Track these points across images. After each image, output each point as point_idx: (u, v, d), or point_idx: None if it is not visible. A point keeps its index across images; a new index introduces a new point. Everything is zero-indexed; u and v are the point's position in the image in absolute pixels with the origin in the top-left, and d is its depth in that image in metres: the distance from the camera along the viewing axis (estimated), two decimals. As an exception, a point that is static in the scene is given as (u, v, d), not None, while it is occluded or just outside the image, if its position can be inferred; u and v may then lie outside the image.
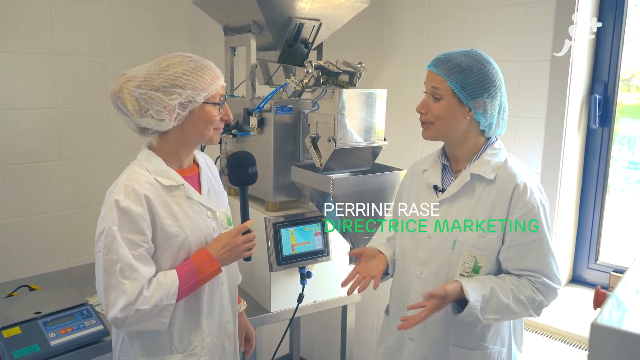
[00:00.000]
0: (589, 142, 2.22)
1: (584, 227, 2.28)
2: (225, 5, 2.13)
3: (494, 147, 1.53)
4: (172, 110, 1.37)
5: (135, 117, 1.39)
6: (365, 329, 2.89)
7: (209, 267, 1.44)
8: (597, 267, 2.26)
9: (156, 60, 1.41)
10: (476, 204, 1.48)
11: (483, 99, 1.45)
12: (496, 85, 1.47)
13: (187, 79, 1.37)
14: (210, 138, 1.48)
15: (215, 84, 1.42)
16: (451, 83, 1.44)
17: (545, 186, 2.14)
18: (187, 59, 1.41)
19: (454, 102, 1.46)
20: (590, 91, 2.17)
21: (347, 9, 2.17)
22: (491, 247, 1.47)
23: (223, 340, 1.57)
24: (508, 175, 1.47)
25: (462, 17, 2.32)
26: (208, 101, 1.42)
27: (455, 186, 1.52)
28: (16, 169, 2.18)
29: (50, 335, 1.65)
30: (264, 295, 2.08)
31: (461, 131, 1.50)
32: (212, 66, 1.44)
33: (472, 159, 1.53)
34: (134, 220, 1.34)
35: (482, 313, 1.41)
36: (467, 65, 1.45)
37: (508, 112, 1.55)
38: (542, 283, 1.45)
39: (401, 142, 2.44)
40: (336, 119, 1.81)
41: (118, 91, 1.38)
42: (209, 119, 1.43)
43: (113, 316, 1.34)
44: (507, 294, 1.43)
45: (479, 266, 1.47)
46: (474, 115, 1.47)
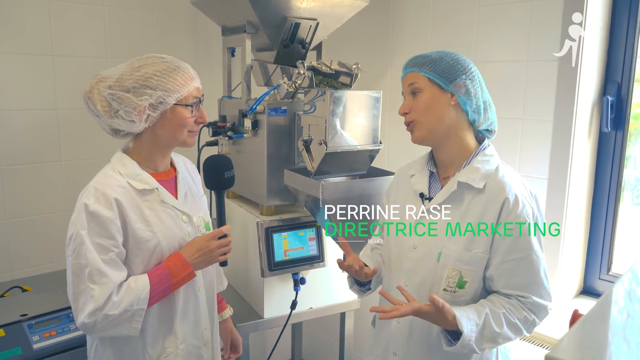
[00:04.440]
0: (601, 146, 2.11)
1: (595, 236, 2.16)
2: (221, 6, 2.10)
3: (486, 154, 1.44)
4: (142, 112, 1.34)
5: (105, 117, 1.37)
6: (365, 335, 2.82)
7: (181, 271, 1.41)
8: (610, 278, 2.15)
9: (130, 61, 1.39)
10: (464, 214, 1.40)
11: (462, 80, 1.39)
12: (472, 70, 1.42)
13: (157, 79, 1.34)
14: (184, 141, 1.44)
15: (187, 85, 1.38)
16: (426, 73, 1.40)
17: (553, 193, 2.05)
18: (160, 60, 1.38)
19: (435, 90, 1.40)
20: (602, 93, 2.06)
21: (346, 7, 2.10)
22: (477, 261, 1.38)
23: (200, 347, 1.53)
24: (498, 185, 1.39)
25: (467, 15, 2.23)
26: (180, 103, 1.38)
27: (442, 195, 1.44)
28: (15, 170, 2.18)
29: (34, 339, 1.65)
30: (258, 300, 2.04)
31: (449, 124, 1.42)
32: (186, 68, 1.40)
33: (462, 165, 1.45)
34: (104, 224, 1.32)
35: (477, 344, 1.34)
36: (437, 56, 1.42)
37: (513, 114, 1.47)
38: (533, 303, 1.37)
39: (405, 145, 2.36)
40: (327, 121, 1.75)
41: (89, 92, 1.37)
42: (180, 121, 1.40)
43: (81, 322, 1.31)
44: (500, 320, 1.35)
45: (464, 281, 1.39)
46: (458, 99, 1.40)
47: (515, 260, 1.36)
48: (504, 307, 1.37)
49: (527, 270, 1.37)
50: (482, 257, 1.38)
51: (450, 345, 1.35)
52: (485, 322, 1.33)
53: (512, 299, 1.38)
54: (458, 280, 1.39)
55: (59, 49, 2.24)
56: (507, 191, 1.37)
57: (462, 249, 1.38)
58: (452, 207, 1.42)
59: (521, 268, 1.36)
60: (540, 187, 2.05)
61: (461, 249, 1.38)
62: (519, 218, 1.35)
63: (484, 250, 1.37)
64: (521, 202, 1.37)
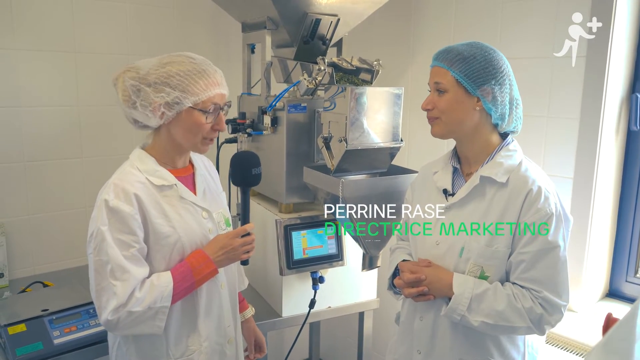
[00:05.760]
0: (629, 145, 2.05)
1: (622, 237, 2.10)
2: (241, 2, 2.09)
3: (509, 149, 1.42)
4: (156, 108, 1.34)
5: (124, 106, 1.37)
6: (384, 334, 2.79)
7: (205, 269, 1.40)
8: (637, 281, 2.09)
9: (162, 56, 1.39)
10: (486, 209, 1.38)
11: (491, 86, 1.35)
12: (503, 72, 1.37)
13: (179, 79, 1.33)
14: (195, 145, 1.43)
15: (209, 91, 1.36)
16: (454, 73, 1.35)
17: (579, 192, 2.00)
18: (188, 60, 1.37)
19: (460, 93, 1.36)
20: (631, 90, 2.00)
21: (367, 3, 2.07)
22: (499, 256, 1.36)
23: (223, 345, 1.52)
24: (522, 179, 1.36)
25: (491, 12, 2.19)
26: (196, 107, 1.36)
27: (465, 190, 1.42)
28: (37, 166, 2.21)
29: (55, 334, 1.65)
30: (276, 299, 2.03)
31: (472, 126, 1.39)
32: (213, 73, 1.38)
33: (485, 161, 1.42)
34: (124, 220, 1.31)
35: (471, 313, 1.33)
36: (469, 53, 1.36)
37: (538, 112, 1.43)
38: (544, 298, 1.32)
39: (427, 143, 2.33)
40: (348, 118, 1.73)
41: (115, 79, 1.38)
42: (194, 125, 1.38)
43: (105, 319, 1.31)
44: (503, 299, 1.32)
45: (485, 275, 1.37)
46: (484, 105, 1.36)
47: (533, 252, 1.32)
48: (513, 291, 1.34)
49: (545, 263, 1.33)
50: (504, 252, 1.36)
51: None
52: (484, 295, 1.33)
53: (525, 290, 1.35)
54: (480, 275, 1.37)
55: (81, 45, 2.25)
56: (530, 183, 1.34)
57: (484, 246, 1.36)
58: (474, 202, 1.40)
59: (541, 261, 1.32)
60: (565, 187, 2.00)
61: (483, 246, 1.36)
62: (541, 210, 1.32)
63: (506, 244, 1.35)
64: (544, 194, 1.34)
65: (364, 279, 2.12)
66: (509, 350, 1.43)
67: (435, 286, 1.41)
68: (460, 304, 1.34)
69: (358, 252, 2.02)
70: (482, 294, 1.34)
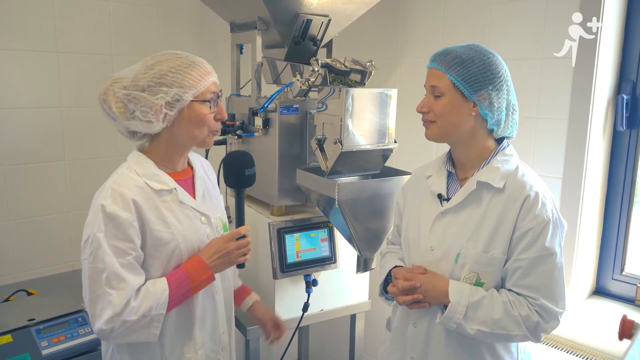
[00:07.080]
0: (615, 146, 2.08)
1: (609, 236, 2.14)
2: (231, 1, 2.06)
3: (505, 154, 1.41)
4: (158, 111, 1.30)
5: (121, 119, 1.32)
6: (375, 337, 2.79)
7: (201, 275, 1.37)
8: (623, 279, 2.12)
9: (144, 60, 1.34)
10: (483, 215, 1.36)
11: (488, 91, 1.33)
12: (501, 77, 1.35)
13: (173, 76, 1.30)
14: (203, 140, 1.40)
15: (204, 80, 1.33)
16: (452, 76, 1.33)
17: (567, 192, 2.03)
18: (174, 56, 1.33)
19: (457, 98, 1.35)
20: (617, 91, 2.03)
21: (358, 4, 2.06)
22: (495, 263, 1.35)
23: (217, 352, 1.50)
24: (519, 184, 1.35)
25: (479, 12, 2.20)
26: (197, 99, 1.33)
27: (461, 195, 1.40)
28: (18, 170, 2.13)
29: (43, 344, 1.60)
30: (269, 303, 2.00)
31: (467, 131, 1.38)
32: (201, 62, 1.36)
33: (480, 166, 1.41)
34: (121, 226, 1.27)
35: (467, 321, 1.32)
36: (467, 57, 1.34)
37: (527, 113, 1.43)
38: (541, 305, 1.31)
39: (415, 144, 2.33)
40: (343, 120, 1.71)
41: (103, 94, 1.32)
42: (199, 118, 1.35)
43: (99, 328, 1.27)
44: (500, 307, 1.32)
45: (481, 282, 1.36)
46: (480, 111, 1.35)
47: (530, 259, 1.32)
48: (509, 298, 1.33)
49: (541, 271, 1.32)
50: (501, 259, 1.35)
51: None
52: (480, 302, 1.32)
53: (521, 297, 1.34)
54: (476, 281, 1.36)
55: (63, 45, 2.19)
56: (528, 189, 1.34)
57: (480, 252, 1.35)
58: (471, 207, 1.39)
59: (536, 268, 1.32)
60: (554, 187, 2.02)
61: (479, 252, 1.35)
62: (539, 217, 1.31)
63: (502, 251, 1.34)
64: (541, 200, 1.33)
65: (356, 281, 2.11)
66: (503, 356, 1.43)
67: (431, 294, 1.38)
68: (457, 313, 1.32)
69: (350, 254, 2.01)
70: (479, 302, 1.32)
